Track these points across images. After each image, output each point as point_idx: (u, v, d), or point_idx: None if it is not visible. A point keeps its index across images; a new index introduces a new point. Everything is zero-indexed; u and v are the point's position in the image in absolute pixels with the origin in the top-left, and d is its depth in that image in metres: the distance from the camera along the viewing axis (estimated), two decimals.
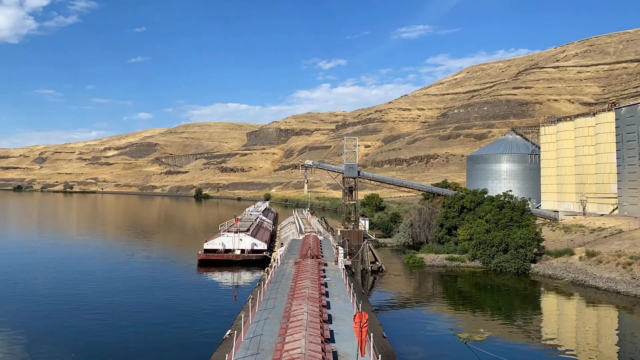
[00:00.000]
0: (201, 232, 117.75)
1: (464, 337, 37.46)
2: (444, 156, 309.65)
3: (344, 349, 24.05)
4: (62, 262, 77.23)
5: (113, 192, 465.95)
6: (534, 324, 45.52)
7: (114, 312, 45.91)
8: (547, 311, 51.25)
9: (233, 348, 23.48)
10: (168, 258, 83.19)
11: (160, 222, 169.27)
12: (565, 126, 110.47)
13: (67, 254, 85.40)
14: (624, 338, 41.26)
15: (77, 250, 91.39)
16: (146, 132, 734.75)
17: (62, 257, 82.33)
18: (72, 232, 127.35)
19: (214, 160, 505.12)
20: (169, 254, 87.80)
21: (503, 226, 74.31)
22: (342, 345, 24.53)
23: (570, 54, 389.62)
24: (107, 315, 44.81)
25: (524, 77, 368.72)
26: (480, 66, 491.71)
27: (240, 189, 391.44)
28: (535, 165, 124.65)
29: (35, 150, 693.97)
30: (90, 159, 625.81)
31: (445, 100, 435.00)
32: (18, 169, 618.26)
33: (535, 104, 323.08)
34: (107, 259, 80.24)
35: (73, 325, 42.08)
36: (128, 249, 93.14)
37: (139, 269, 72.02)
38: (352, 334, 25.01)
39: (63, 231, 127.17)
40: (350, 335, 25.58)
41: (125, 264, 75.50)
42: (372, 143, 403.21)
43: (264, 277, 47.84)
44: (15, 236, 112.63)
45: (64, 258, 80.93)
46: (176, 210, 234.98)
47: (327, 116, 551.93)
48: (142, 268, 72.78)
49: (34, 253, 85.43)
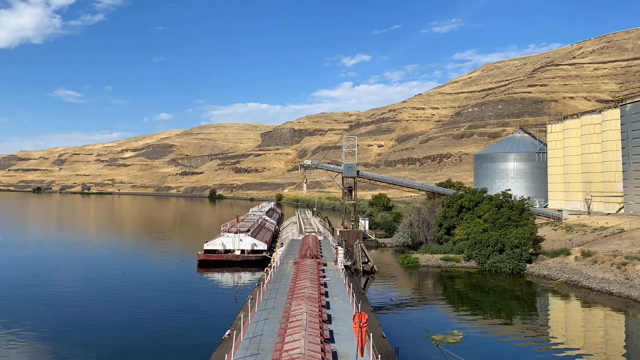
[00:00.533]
0: (208, 232, 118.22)
1: (437, 339, 36.89)
2: (457, 155, 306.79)
3: (343, 349, 23.97)
4: (67, 260, 78.18)
5: (129, 193, 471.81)
6: (518, 326, 44.58)
7: (113, 312, 45.98)
8: (534, 313, 50.10)
9: (232, 348, 23.42)
10: (170, 258, 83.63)
11: (172, 222, 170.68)
12: (572, 124, 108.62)
13: (75, 253, 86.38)
14: (610, 341, 40.21)
15: (87, 249, 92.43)
16: (163, 133, 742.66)
17: (70, 256, 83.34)
18: (86, 232, 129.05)
19: (228, 161, 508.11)
20: (171, 254, 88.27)
21: (500, 226, 73.23)
22: (341, 345, 24.46)
23: (587, 51, 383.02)
24: (106, 315, 44.84)
25: (539, 75, 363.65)
26: (495, 64, 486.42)
27: (253, 190, 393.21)
28: (543, 163, 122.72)
29: (55, 152, 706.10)
30: (107, 160, 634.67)
31: (460, 98, 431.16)
32: (38, 170, 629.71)
33: (550, 102, 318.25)
34: (112, 258, 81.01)
35: (73, 323, 42.31)
36: (133, 249, 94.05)
37: (140, 268, 72.48)
38: (351, 334, 24.92)
39: (75, 231, 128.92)
40: (349, 335, 25.51)
41: (127, 263, 76.05)
42: (385, 143, 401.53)
43: (264, 277, 47.81)
44: (24, 236, 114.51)
45: (71, 257, 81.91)
46: (190, 211, 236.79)
47: (341, 116, 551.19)
48: (142, 267, 73.37)
49: (41, 251, 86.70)
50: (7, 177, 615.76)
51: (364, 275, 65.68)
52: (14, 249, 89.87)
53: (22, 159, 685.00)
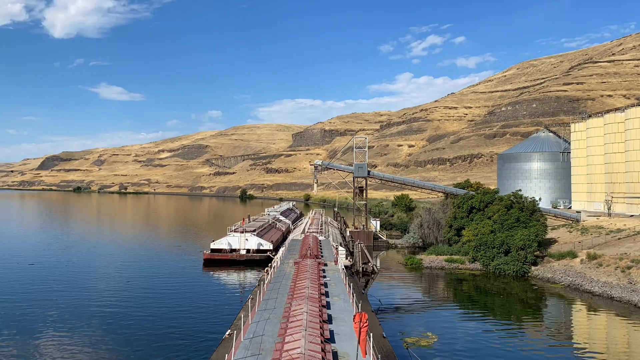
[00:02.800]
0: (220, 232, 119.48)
1: (409, 342, 36.15)
2: (488, 155, 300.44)
3: (343, 349, 23.85)
4: (85, 258, 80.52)
5: (164, 193, 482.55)
6: (509, 331, 43.17)
7: (113, 311, 46.62)
8: (529, 318, 48.38)
9: (233, 348, 23.44)
10: (178, 257, 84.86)
11: (202, 221, 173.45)
12: (595, 122, 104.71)
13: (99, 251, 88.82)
14: (607, 351, 38.51)
15: (113, 247, 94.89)
16: (198, 134, 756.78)
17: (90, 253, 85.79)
18: (122, 230, 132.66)
19: (260, 161, 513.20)
20: (180, 253, 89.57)
21: (509, 227, 71.28)
22: (342, 345, 24.36)
23: (628, 47, 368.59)
24: (106, 315, 45.37)
25: (575, 73, 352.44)
26: (530, 62, 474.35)
27: (283, 190, 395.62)
28: (568, 163, 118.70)
29: (95, 152, 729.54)
30: (144, 160, 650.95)
31: (494, 97, 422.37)
32: (79, 170, 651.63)
33: (587, 100, 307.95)
34: (130, 256, 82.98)
35: (73, 320, 43.09)
36: (145, 247, 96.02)
37: (148, 266, 73.95)
38: (351, 334, 24.94)
39: (107, 229, 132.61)
40: (350, 335, 25.49)
41: (136, 261, 77.79)
42: (416, 143, 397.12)
43: (264, 277, 47.99)
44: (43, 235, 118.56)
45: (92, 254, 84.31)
46: (222, 210, 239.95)
47: (372, 116, 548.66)
48: (148, 265, 74.82)
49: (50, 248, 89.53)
50: (50, 177, 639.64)
51: (364, 275, 65.00)
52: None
53: (64, 159, 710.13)
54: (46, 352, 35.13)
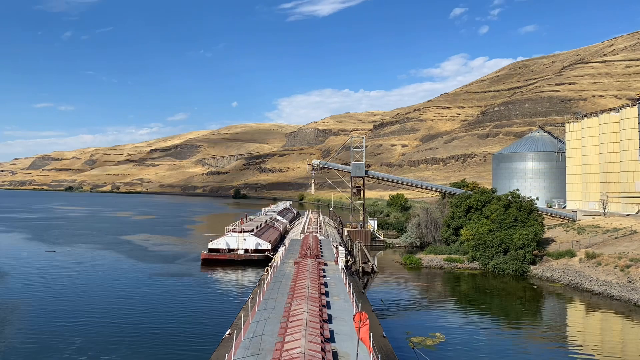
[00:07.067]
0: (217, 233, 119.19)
1: (415, 342, 36.23)
2: (482, 155, 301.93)
3: (344, 349, 23.82)
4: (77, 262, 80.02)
5: (157, 193, 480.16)
6: (508, 331, 43.41)
7: (113, 310, 46.42)
8: (529, 318, 48.62)
9: (233, 348, 23.40)
10: (176, 257, 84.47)
11: (193, 221, 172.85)
12: (590, 122, 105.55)
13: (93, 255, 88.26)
14: (605, 350, 38.78)
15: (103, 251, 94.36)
16: (191, 134, 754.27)
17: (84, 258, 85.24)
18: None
19: (253, 161, 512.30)
20: (178, 253, 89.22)
21: (507, 226, 71.57)
22: (342, 345, 24.32)
23: (619, 48, 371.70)
24: (106, 313, 45.22)
25: (567, 73, 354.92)
26: (523, 62, 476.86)
27: (277, 189, 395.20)
28: (563, 163, 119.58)
29: (87, 152, 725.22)
30: (137, 160, 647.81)
31: (487, 97, 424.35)
32: (70, 170, 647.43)
33: (579, 101, 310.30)
34: (119, 258, 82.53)
35: (73, 319, 42.96)
36: (143, 246, 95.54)
37: (144, 266, 73.62)
38: (351, 334, 24.87)
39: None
40: (350, 334, 25.46)
41: (132, 262, 77.41)
42: (410, 142, 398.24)
43: (264, 276, 47.85)
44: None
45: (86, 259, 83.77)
46: (211, 210, 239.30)
47: (365, 116, 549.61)
48: (146, 267, 74.43)
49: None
50: (41, 176, 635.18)
51: (364, 275, 65.15)
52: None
53: (56, 159, 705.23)
54: (43, 349, 35.11)
